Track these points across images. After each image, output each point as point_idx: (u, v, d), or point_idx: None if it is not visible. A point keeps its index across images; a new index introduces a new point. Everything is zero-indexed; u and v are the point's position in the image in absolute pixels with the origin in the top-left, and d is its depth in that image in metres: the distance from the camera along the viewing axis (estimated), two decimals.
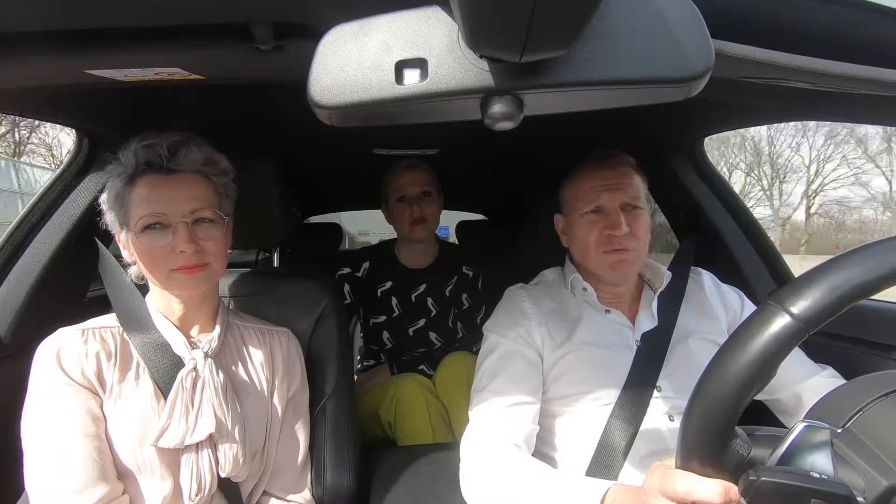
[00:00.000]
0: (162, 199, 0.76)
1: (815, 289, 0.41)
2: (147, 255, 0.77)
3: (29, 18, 0.52)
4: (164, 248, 0.76)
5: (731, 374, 0.43)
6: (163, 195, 0.77)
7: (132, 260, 0.82)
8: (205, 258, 0.78)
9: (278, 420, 0.89)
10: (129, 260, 0.82)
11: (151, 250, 0.77)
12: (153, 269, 0.78)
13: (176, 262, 0.77)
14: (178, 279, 0.78)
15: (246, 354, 0.90)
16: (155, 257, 0.77)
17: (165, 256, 0.76)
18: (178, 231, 0.76)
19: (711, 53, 0.39)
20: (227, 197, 0.86)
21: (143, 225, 0.76)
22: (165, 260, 0.77)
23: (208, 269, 0.80)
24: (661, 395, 0.85)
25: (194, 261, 0.77)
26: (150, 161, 0.78)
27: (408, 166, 1.54)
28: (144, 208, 0.76)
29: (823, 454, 0.43)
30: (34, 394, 0.74)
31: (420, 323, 1.58)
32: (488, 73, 0.38)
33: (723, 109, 1.08)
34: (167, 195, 0.77)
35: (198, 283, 0.79)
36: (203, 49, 0.59)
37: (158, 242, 0.76)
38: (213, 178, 0.83)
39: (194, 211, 0.78)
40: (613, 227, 0.87)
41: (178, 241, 0.76)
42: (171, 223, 0.77)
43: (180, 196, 0.77)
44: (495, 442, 0.78)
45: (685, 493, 0.48)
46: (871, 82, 0.54)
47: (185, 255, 0.76)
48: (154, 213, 0.76)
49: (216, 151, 0.84)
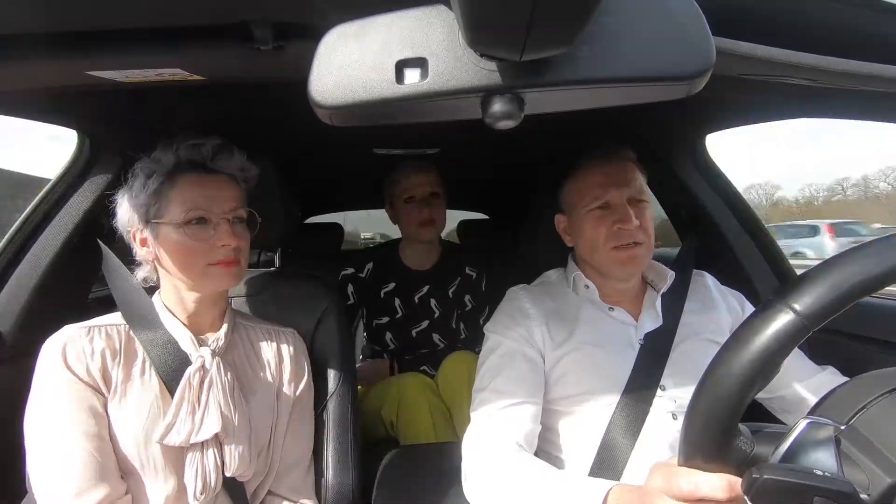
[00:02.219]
0: (207, 195, 0.81)
1: (819, 285, 0.41)
2: (185, 249, 0.80)
3: (30, 20, 0.52)
4: (206, 243, 0.80)
5: (735, 370, 0.42)
6: (208, 192, 0.82)
7: (151, 257, 0.83)
8: (239, 255, 0.83)
9: (284, 419, 0.89)
10: (148, 257, 0.84)
11: (192, 243, 0.80)
12: (189, 264, 0.81)
13: (215, 256, 0.80)
14: (216, 273, 0.81)
15: (253, 353, 0.90)
16: (194, 251, 0.80)
17: (205, 251, 0.80)
18: (221, 226, 0.81)
19: (712, 51, 0.39)
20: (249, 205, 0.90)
21: (188, 218, 0.79)
22: (205, 254, 0.80)
23: (240, 267, 0.84)
24: (665, 395, 0.84)
25: (232, 256, 0.81)
26: (192, 160, 0.83)
27: (416, 167, 1.53)
28: (189, 203, 0.80)
29: (827, 451, 0.42)
30: (38, 391, 0.74)
31: (423, 324, 1.58)
32: (489, 72, 0.38)
33: (724, 107, 1.08)
34: (211, 193, 0.82)
35: (232, 278, 0.83)
36: (203, 49, 0.59)
37: (201, 236, 0.80)
38: (243, 184, 0.88)
39: (233, 209, 0.83)
40: (624, 221, 0.86)
41: (222, 235, 0.80)
42: (212, 219, 0.81)
43: (222, 195, 0.83)
44: (497, 441, 0.78)
45: (690, 490, 0.47)
46: (872, 79, 0.54)
47: (226, 250, 0.81)
48: (199, 208, 0.80)
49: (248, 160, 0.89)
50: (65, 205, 1.03)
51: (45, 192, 1.03)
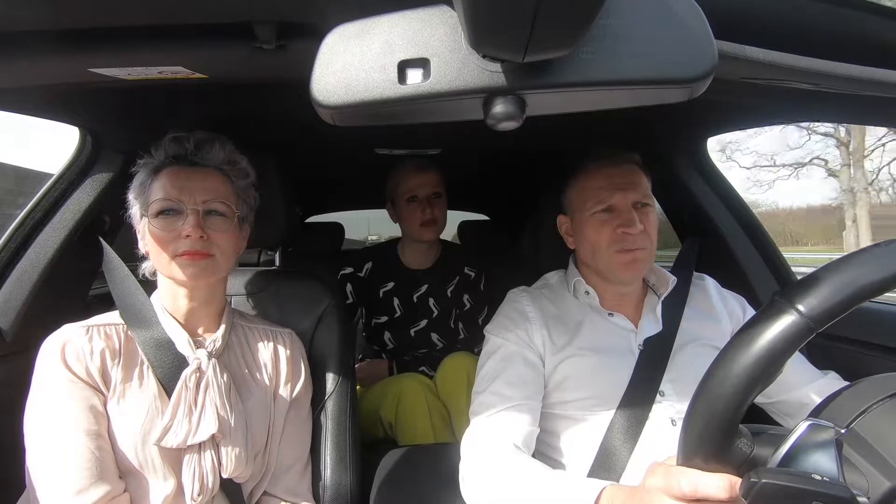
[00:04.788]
0: (179, 186, 0.81)
1: (824, 287, 0.41)
2: (156, 239, 0.80)
3: (33, 17, 0.52)
4: (172, 233, 0.79)
5: (738, 370, 0.42)
6: (180, 183, 0.81)
7: (145, 250, 0.84)
8: (210, 248, 0.81)
9: (281, 420, 0.89)
10: (143, 251, 0.85)
11: (161, 234, 0.80)
12: (158, 254, 0.81)
13: (180, 247, 0.79)
14: (181, 264, 0.80)
15: (250, 354, 0.90)
16: (163, 241, 0.80)
17: (172, 241, 0.79)
18: (188, 217, 0.80)
19: (715, 54, 0.39)
20: (244, 202, 0.89)
21: (157, 209, 0.80)
22: (171, 244, 0.79)
23: (211, 261, 0.81)
24: (664, 401, 0.84)
25: (198, 247, 0.80)
26: (176, 154, 0.83)
27: (419, 167, 1.53)
28: (161, 194, 0.80)
29: (827, 454, 0.42)
30: (38, 390, 0.74)
31: (422, 324, 1.58)
32: (491, 73, 0.38)
33: (726, 110, 1.08)
34: (184, 184, 0.81)
35: (199, 271, 0.81)
36: (206, 48, 0.59)
37: (169, 226, 0.80)
38: (233, 178, 0.87)
39: (206, 201, 0.82)
40: (627, 226, 0.85)
41: (185, 226, 0.79)
42: (183, 210, 0.80)
43: (196, 186, 0.81)
44: (495, 443, 0.78)
45: (690, 490, 0.47)
46: (874, 83, 0.54)
47: (190, 241, 0.79)
48: (169, 199, 0.80)
49: (239, 153, 0.88)
50: (66, 202, 1.03)
51: (47, 189, 1.03)
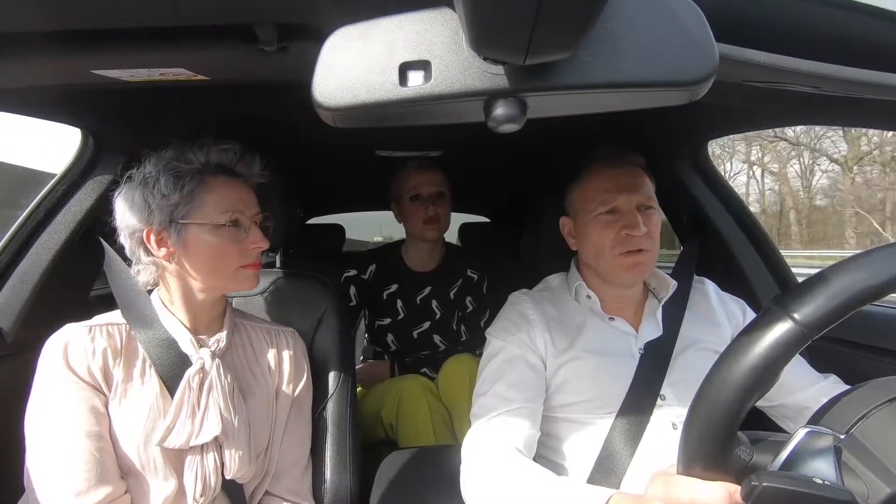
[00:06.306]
0: (241, 199, 0.83)
1: (819, 294, 0.41)
2: (219, 251, 0.80)
3: (35, 18, 0.52)
4: (239, 245, 0.81)
5: (734, 378, 0.42)
6: (241, 196, 0.83)
7: (166, 257, 0.80)
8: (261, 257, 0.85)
9: (282, 421, 0.89)
10: (160, 258, 0.80)
11: (227, 245, 0.80)
12: (220, 265, 0.81)
13: (247, 258, 0.82)
14: (246, 276, 0.83)
15: (253, 355, 0.90)
16: (228, 253, 0.81)
17: (238, 253, 0.81)
18: (252, 230, 0.82)
19: (716, 57, 0.39)
20: None
21: (224, 220, 0.80)
22: (238, 256, 0.82)
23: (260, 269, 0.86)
24: (664, 405, 0.84)
25: (260, 258, 0.84)
26: (221, 163, 0.83)
27: (422, 166, 1.54)
28: (226, 205, 0.81)
29: (826, 460, 0.42)
30: (39, 391, 0.74)
31: (425, 326, 1.58)
32: (492, 76, 0.38)
33: (726, 113, 1.07)
34: (243, 196, 0.84)
35: (257, 280, 0.85)
36: (208, 50, 0.59)
37: (236, 238, 0.81)
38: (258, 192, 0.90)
39: (256, 214, 0.85)
40: (632, 228, 0.85)
41: (255, 238, 0.82)
42: (244, 222, 0.82)
43: (250, 199, 0.85)
44: (496, 446, 0.78)
45: (689, 498, 0.47)
46: (875, 86, 0.54)
47: (256, 252, 0.83)
48: (237, 210, 0.81)
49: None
50: (67, 202, 1.03)
51: (48, 190, 1.03)
